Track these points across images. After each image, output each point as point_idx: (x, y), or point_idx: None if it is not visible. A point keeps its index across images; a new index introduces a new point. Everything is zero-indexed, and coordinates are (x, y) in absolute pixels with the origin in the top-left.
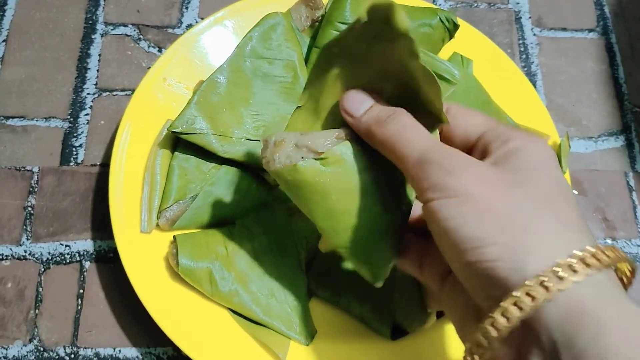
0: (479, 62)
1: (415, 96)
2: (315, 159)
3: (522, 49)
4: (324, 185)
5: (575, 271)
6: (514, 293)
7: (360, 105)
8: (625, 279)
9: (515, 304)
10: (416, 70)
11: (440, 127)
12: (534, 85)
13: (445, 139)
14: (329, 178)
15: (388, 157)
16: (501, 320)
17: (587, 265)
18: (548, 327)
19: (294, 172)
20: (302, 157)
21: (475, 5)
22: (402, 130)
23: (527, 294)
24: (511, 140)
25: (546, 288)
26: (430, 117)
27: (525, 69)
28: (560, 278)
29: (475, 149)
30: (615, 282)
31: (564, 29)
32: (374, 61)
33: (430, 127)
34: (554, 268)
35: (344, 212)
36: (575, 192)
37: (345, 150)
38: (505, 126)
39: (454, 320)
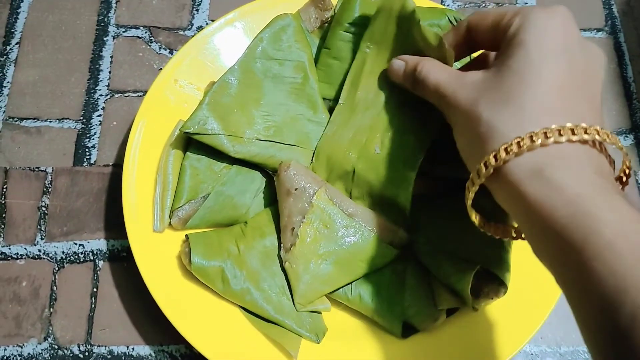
0: None
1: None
2: None
3: None
4: None
5: (560, 134)
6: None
7: (399, 67)
8: (624, 176)
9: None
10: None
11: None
12: None
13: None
14: None
15: (423, 94)
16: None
17: (572, 133)
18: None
19: None
20: None
21: (484, 5)
22: (427, 72)
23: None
24: (516, 36)
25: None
26: None
27: None
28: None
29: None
30: (591, 159)
31: None
32: (397, 44)
33: None
34: (538, 131)
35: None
36: None
37: None
38: (525, 12)
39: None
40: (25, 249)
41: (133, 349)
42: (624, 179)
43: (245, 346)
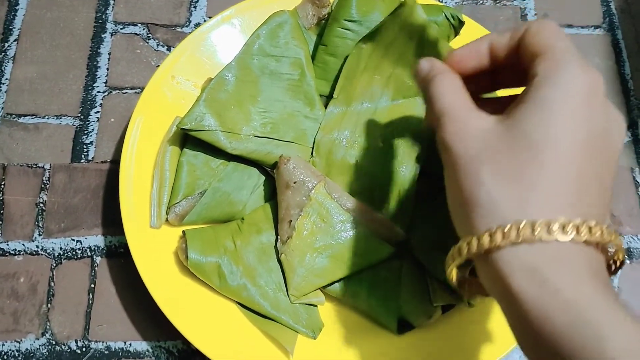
0: None
1: None
2: None
3: None
4: None
5: (549, 232)
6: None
7: (421, 70)
8: (614, 266)
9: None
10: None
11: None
12: None
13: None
14: None
15: (428, 109)
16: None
17: (563, 231)
18: (511, 270)
19: None
20: None
21: (481, 2)
22: (440, 92)
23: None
24: (541, 89)
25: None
26: None
27: None
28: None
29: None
30: (591, 263)
31: (570, 26)
32: (395, 49)
33: None
34: (532, 222)
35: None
36: None
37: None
38: (556, 60)
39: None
40: (23, 245)
41: (130, 344)
42: (612, 268)
43: (242, 342)
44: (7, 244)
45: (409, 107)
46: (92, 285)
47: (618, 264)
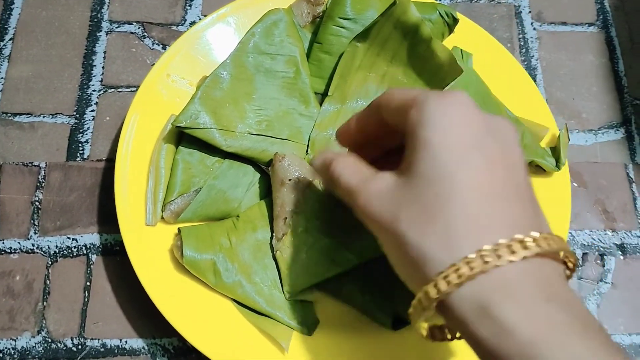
0: (478, 57)
1: (417, 75)
2: None
3: (522, 43)
4: None
5: (498, 256)
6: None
7: (317, 164)
8: (568, 265)
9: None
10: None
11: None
12: (534, 79)
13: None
14: None
15: (339, 196)
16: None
17: (497, 257)
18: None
19: None
20: None
21: (475, 0)
22: (339, 174)
23: (458, 270)
24: (417, 133)
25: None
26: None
27: (525, 63)
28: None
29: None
30: (539, 282)
31: (564, 23)
32: (390, 47)
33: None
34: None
35: None
36: (575, 184)
37: None
38: (418, 102)
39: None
40: (18, 243)
41: (126, 342)
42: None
43: (237, 339)
44: (3, 243)
45: None
46: (88, 283)
47: (572, 267)
